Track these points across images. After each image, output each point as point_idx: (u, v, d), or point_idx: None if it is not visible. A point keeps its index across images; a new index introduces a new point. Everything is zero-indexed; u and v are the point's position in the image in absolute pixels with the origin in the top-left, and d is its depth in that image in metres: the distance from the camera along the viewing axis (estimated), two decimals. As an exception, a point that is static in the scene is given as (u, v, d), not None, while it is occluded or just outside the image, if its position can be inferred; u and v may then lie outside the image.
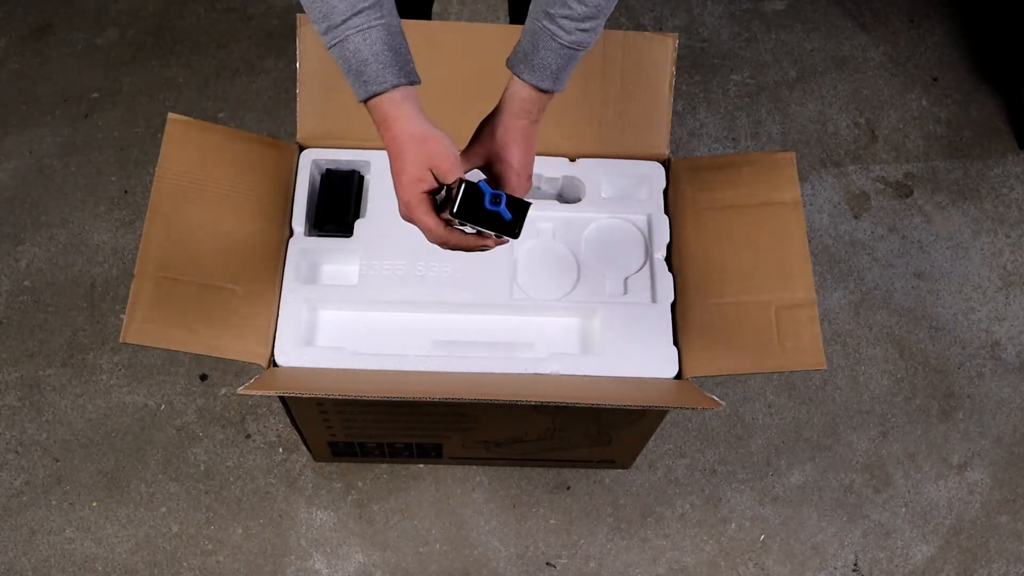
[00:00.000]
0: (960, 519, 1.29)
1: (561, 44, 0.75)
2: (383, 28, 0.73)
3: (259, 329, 0.92)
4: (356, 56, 0.73)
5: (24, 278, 1.38)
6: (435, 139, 0.74)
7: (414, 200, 0.75)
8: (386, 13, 0.73)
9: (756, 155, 1.03)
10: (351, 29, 0.72)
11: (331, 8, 0.72)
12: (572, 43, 0.76)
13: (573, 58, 0.77)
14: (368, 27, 0.72)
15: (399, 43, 0.74)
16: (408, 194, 0.75)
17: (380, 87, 0.73)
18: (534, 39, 0.76)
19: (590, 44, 0.78)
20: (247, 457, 1.28)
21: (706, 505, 1.28)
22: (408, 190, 0.75)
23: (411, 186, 0.74)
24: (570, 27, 0.74)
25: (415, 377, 0.91)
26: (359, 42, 0.72)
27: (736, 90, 1.62)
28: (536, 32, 0.75)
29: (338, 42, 0.73)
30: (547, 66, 0.76)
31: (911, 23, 1.71)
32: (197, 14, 1.63)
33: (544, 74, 0.76)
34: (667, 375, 0.94)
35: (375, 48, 0.72)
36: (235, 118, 1.52)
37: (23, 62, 1.57)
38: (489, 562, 1.23)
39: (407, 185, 0.75)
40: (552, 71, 0.76)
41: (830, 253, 1.48)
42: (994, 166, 1.57)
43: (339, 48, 0.73)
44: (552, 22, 0.74)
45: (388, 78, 0.73)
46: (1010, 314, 1.44)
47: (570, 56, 0.76)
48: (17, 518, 1.23)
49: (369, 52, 0.72)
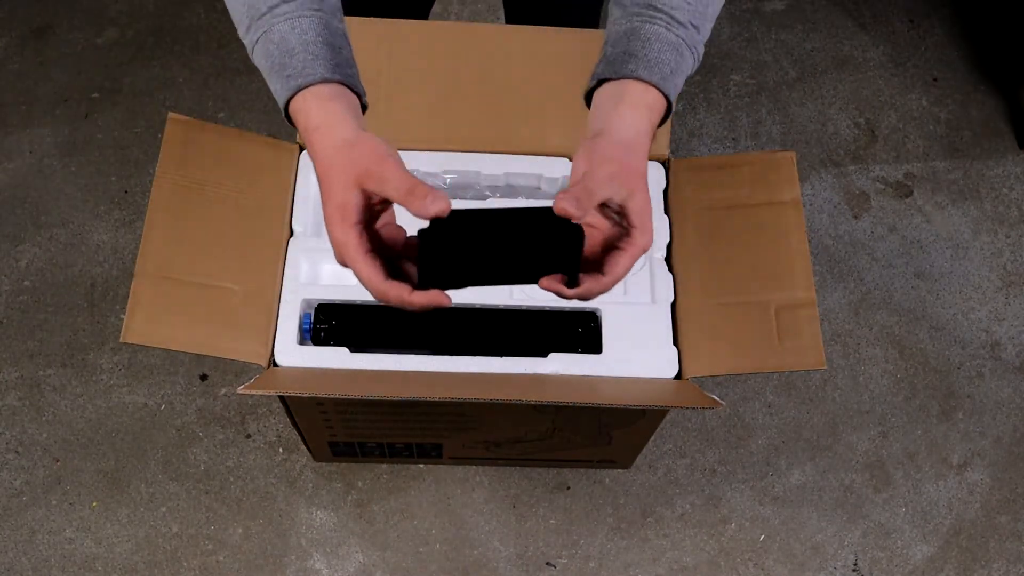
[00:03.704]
0: (960, 519, 1.29)
1: (677, 36, 0.60)
2: (318, 20, 0.60)
3: (259, 329, 0.92)
4: (281, 46, 0.59)
5: (24, 278, 1.38)
6: (364, 142, 0.57)
7: (341, 236, 0.56)
8: (325, 9, 0.61)
9: (756, 155, 1.03)
10: (278, 17, 0.59)
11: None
12: (684, 38, 0.61)
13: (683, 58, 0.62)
14: (300, 16, 0.59)
15: (339, 43, 0.61)
16: (334, 229, 0.56)
17: (305, 79, 0.58)
18: (635, 35, 0.61)
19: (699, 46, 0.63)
20: (247, 457, 1.28)
21: (706, 505, 1.28)
22: (333, 223, 0.56)
23: (335, 217, 0.56)
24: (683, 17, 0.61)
25: (415, 377, 0.91)
26: (286, 31, 0.59)
27: (736, 90, 1.62)
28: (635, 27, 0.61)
29: (262, 34, 0.59)
30: (664, 62, 0.60)
31: (911, 23, 1.71)
32: (197, 14, 1.63)
33: (663, 72, 0.60)
34: (667, 375, 0.94)
35: (306, 38, 0.59)
36: (235, 118, 1.52)
37: (23, 62, 1.57)
38: (489, 562, 1.23)
39: (331, 217, 0.56)
40: (670, 69, 0.60)
41: (830, 253, 1.48)
42: (994, 166, 1.57)
43: (262, 43, 0.59)
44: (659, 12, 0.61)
45: (317, 70, 0.58)
46: (1010, 314, 1.44)
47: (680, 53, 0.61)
48: (17, 518, 1.23)
49: (298, 42, 0.59)
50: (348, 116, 0.58)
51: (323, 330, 0.95)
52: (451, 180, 1.01)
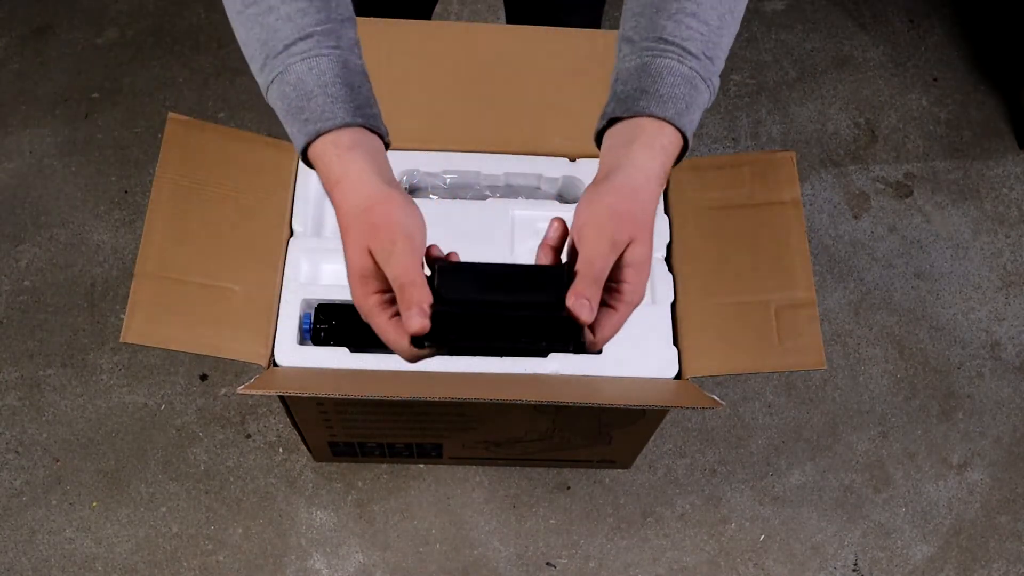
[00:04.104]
0: (960, 519, 1.29)
1: (690, 68, 0.57)
2: (336, 60, 0.56)
3: (259, 329, 0.92)
4: (299, 88, 0.56)
5: (24, 278, 1.38)
6: (382, 206, 0.53)
7: (365, 306, 0.55)
8: (343, 46, 0.57)
9: (756, 155, 1.03)
10: (294, 56, 0.56)
11: (271, 33, 0.56)
12: (698, 70, 0.58)
13: (698, 92, 0.59)
14: (318, 55, 0.56)
15: (358, 82, 0.57)
16: (355, 294, 0.55)
17: (324, 124, 0.55)
18: (646, 70, 0.57)
19: (713, 79, 0.60)
20: (247, 457, 1.28)
21: (706, 505, 1.28)
22: (354, 288, 0.55)
23: (355, 282, 0.54)
24: (696, 48, 0.58)
25: (415, 377, 0.91)
26: (303, 72, 0.55)
27: (736, 90, 1.62)
28: (645, 63, 0.57)
29: (277, 75, 0.56)
30: (678, 97, 0.57)
31: (911, 23, 1.71)
32: (197, 14, 1.63)
33: (678, 107, 0.57)
34: (667, 375, 0.94)
35: (324, 79, 0.55)
36: (235, 118, 1.52)
37: (23, 62, 1.57)
38: (489, 562, 1.23)
39: (352, 280, 0.55)
40: (684, 104, 0.57)
41: (830, 253, 1.48)
42: (994, 166, 1.57)
43: (278, 84, 0.56)
44: (670, 44, 0.58)
45: (337, 113, 0.55)
46: (1010, 314, 1.44)
47: (695, 87, 0.58)
48: (17, 518, 1.23)
49: (316, 83, 0.55)
50: (369, 168, 0.55)
51: (323, 330, 0.95)
52: (451, 180, 1.01)
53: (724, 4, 0.59)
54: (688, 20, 0.58)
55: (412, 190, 1.02)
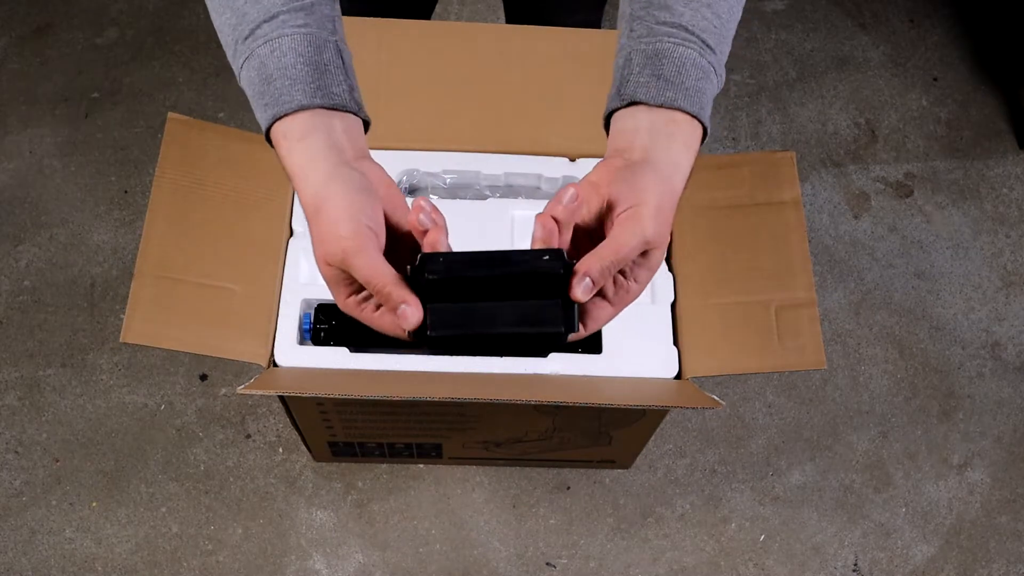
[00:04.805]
0: (960, 519, 1.29)
1: (708, 63, 0.56)
2: (301, 39, 0.53)
3: (259, 329, 0.92)
4: (261, 72, 0.53)
5: (24, 278, 1.38)
6: (327, 210, 0.50)
7: (347, 308, 0.54)
8: (313, 23, 0.54)
9: (756, 155, 1.03)
10: (259, 40, 0.53)
11: (240, 17, 0.54)
12: (714, 65, 0.57)
13: (712, 88, 0.57)
14: (280, 36, 0.53)
15: (327, 59, 0.54)
16: (339, 302, 0.54)
17: (280, 109, 0.52)
18: (668, 57, 0.55)
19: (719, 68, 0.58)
20: (247, 457, 1.28)
21: (706, 505, 1.28)
22: (335, 298, 0.54)
23: (333, 292, 0.54)
24: (712, 40, 0.57)
25: (415, 377, 0.91)
26: (265, 55, 0.53)
27: (736, 90, 1.62)
28: (667, 49, 0.56)
29: (244, 61, 0.54)
30: (702, 92, 0.56)
31: (911, 23, 1.71)
32: (197, 14, 1.63)
33: (703, 103, 0.55)
34: (667, 375, 0.94)
35: (284, 61, 0.52)
36: (235, 118, 1.52)
37: (23, 62, 1.57)
38: (489, 562, 1.23)
39: (330, 290, 0.54)
40: (707, 99, 0.56)
41: (830, 253, 1.48)
42: (994, 166, 1.57)
43: (246, 70, 0.54)
44: (690, 34, 0.56)
45: (295, 97, 0.52)
46: (1010, 314, 1.44)
47: (710, 82, 0.56)
48: (17, 518, 1.23)
49: (276, 66, 0.52)
50: (319, 159, 0.52)
51: (323, 330, 0.95)
52: (451, 180, 1.01)
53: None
54: (704, 11, 0.56)
55: (412, 190, 1.02)
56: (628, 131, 0.56)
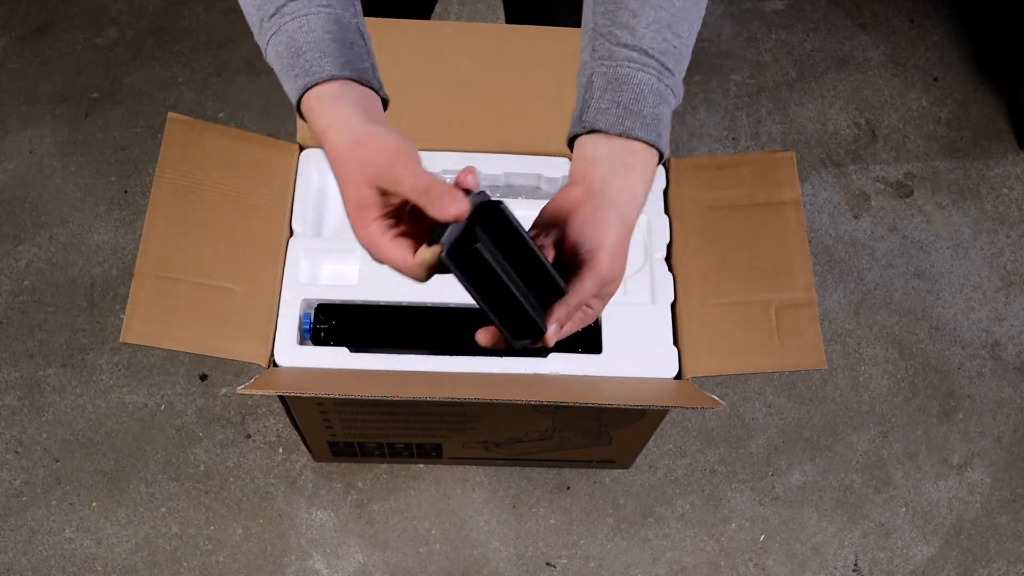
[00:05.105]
0: (960, 519, 1.29)
1: (666, 86, 0.58)
2: (329, 17, 0.58)
3: (259, 329, 0.92)
4: (290, 46, 0.57)
5: (24, 278, 1.38)
6: (373, 138, 0.54)
7: (366, 233, 0.54)
8: (336, 3, 0.59)
9: (756, 155, 1.03)
10: (286, 17, 0.58)
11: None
12: (672, 88, 0.58)
13: (669, 109, 0.59)
14: (307, 13, 0.58)
15: (351, 38, 0.59)
16: (359, 231, 0.55)
17: (312, 78, 0.56)
18: (628, 83, 0.58)
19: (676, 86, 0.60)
20: (247, 457, 1.28)
21: (706, 505, 1.28)
22: (357, 225, 0.55)
23: (357, 219, 0.55)
24: (671, 63, 0.59)
25: (415, 377, 0.91)
26: (294, 30, 0.57)
27: (736, 90, 1.62)
28: (625, 75, 0.58)
29: (272, 36, 0.58)
30: (659, 118, 0.58)
31: (911, 23, 1.71)
32: (197, 14, 1.63)
33: (661, 131, 0.58)
34: (667, 375, 0.94)
35: (313, 36, 0.57)
36: (235, 118, 1.52)
37: (23, 62, 1.57)
38: (489, 562, 1.23)
39: (352, 218, 0.55)
40: (664, 126, 0.58)
41: (830, 253, 1.48)
42: (994, 166, 1.57)
43: (273, 44, 0.58)
44: (650, 58, 0.58)
45: (324, 67, 0.56)
46: (1010, 314, 1.44)
47: (668, 105, 0.59)
48: (17, 518, 1.23)
49: (305, 40, 0.57)
50: (355, 114, 0.55)
51: (323, 330, 0.95)
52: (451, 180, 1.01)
53: (692, 15, 0.60)
54: (665, 32, 0.58)
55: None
56: (588, 159, 0.58)
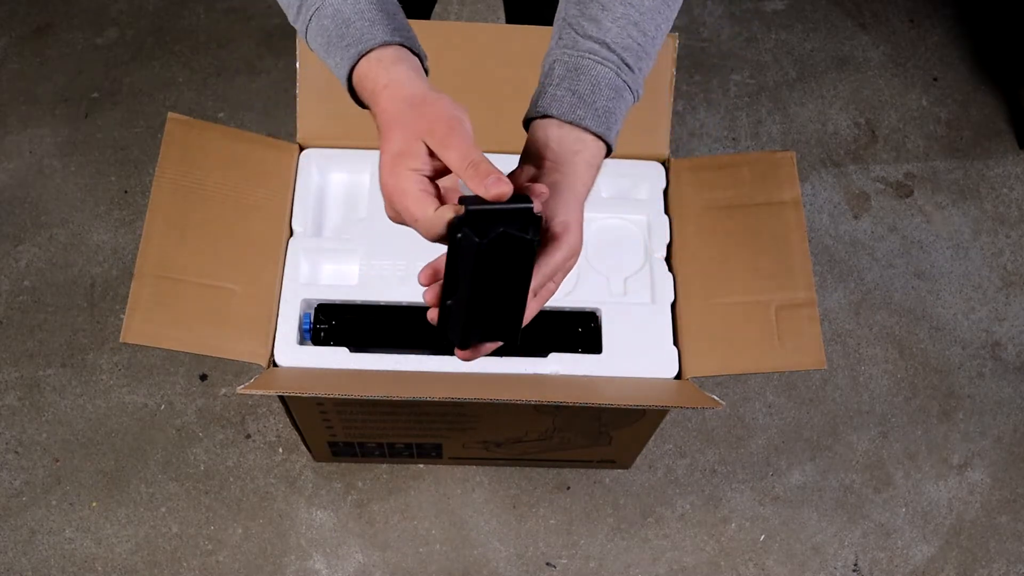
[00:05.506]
0: (960, 519, 1.29)
1: (624, 82, 0.60)
2: None
3: (259, 329, 0.92)
4: (336, 19, 0.58)
5: (24, 278, 1.38)
6: (437, 100, 0.55)
7: (396, 178, 0.54)
8: None
9: (756, 155, 1.03)
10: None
11: None
12: (630, 83, 0.60)
13: (625, 104, 0.61)
14: None
15: (393, 10, 0.60)
16: (388, 176, 0.54)
17: (366, 45, 0.57)
18: (586, 74, 0.59)
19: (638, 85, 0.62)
20: (247, 457, 1.28)
21: (706, 505, 1.28)
22: (388, 170, 0.54)
23: (391, 165, 0.54)
24: (631, 60, 0.61)
25: (415, 377, 0.91)
26: (338, 4, 0.58)
27: (736, 90, 1.62)
28: (584, 66, 0.59)
29: (315, 12, 0.59)
30: (611, 112, 0.60)
31: (911, 23, 1.71)
32: (197, 14, 1.63)
33: (611, 124, 0.59)
34: (667, 375, 0.94)
35: (360, 7, 0.58)
36: (235, 118, 1.52)
37: (23, 62, 1.57)
38: (489, 562, 1.23)
39: (387, 165, 0.54)
40: (615, 119, 0.60)
41: (830, 253, 1.48)
42: (994, 166, 1.57)
43: (316, 19, 0.59)
44: (612, 52, 0.60)
45: (376, 34, 0.57)
46: (1010, 314, 1.44)
47: (624, 101, 0.60)
48: (17, 518, 1.23)
49: (352, 11, 0.58)
50: (418, 77, 0.57)
51: (323, 330, 0.95)
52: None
53: (661, 15, 0.62)
54: (631, 29, 0.60)
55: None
56: (539, 142, 0.60)
